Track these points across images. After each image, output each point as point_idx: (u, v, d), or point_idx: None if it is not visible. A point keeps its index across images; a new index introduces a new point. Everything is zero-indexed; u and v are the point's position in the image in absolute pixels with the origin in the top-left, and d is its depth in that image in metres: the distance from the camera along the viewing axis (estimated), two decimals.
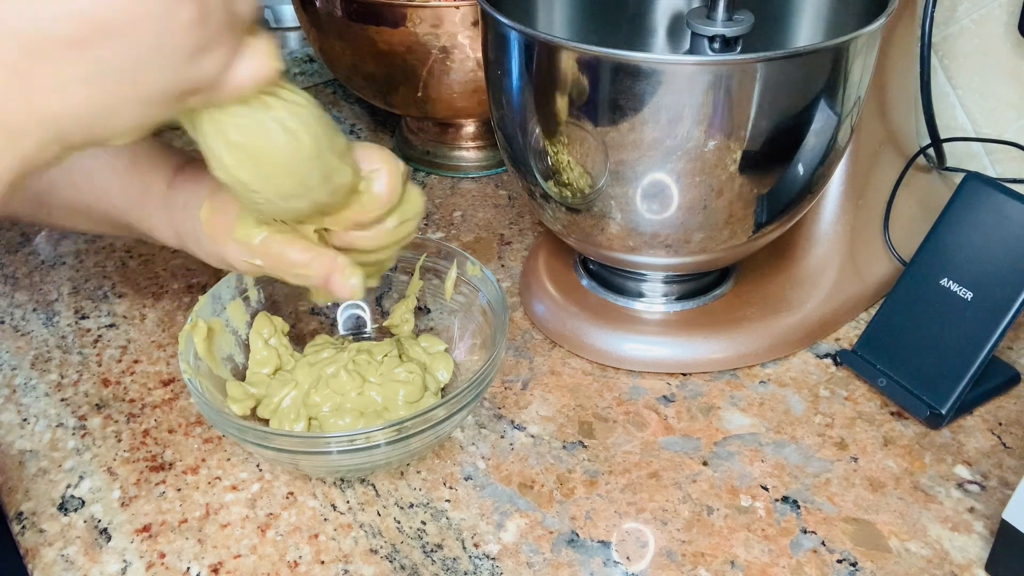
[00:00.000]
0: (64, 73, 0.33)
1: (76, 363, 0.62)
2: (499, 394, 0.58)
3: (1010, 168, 0.72)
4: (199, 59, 0.35)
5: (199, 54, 0.35)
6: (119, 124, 0.36)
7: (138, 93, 0.35)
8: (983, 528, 0.48)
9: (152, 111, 0.36)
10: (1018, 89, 0.70)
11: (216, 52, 0.36)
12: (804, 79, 0.49)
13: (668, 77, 0.47)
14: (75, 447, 0.55)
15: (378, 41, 0.71)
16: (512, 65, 0.52)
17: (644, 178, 0.51)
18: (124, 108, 0.35)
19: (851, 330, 0.62)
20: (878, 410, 0.56)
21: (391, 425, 0.47)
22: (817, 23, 0.62)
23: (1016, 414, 0.55)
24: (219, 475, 0.53)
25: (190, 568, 0.47)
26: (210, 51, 0.35)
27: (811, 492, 0.50)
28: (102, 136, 0.36)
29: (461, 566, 0.47)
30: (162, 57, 0.34)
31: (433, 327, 0.60)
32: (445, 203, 0.78)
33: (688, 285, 0.61)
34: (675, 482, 0.51)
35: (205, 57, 0.35)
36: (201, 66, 0.36)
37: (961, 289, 0.54)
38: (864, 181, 0.63)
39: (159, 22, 0.33)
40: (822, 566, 0.46)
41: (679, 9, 0.65)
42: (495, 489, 0.51)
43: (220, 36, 0.36)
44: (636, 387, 0.58)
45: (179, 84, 0.36)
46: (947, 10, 0.70)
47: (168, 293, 0.68)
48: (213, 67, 0.36)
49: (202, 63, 0.36)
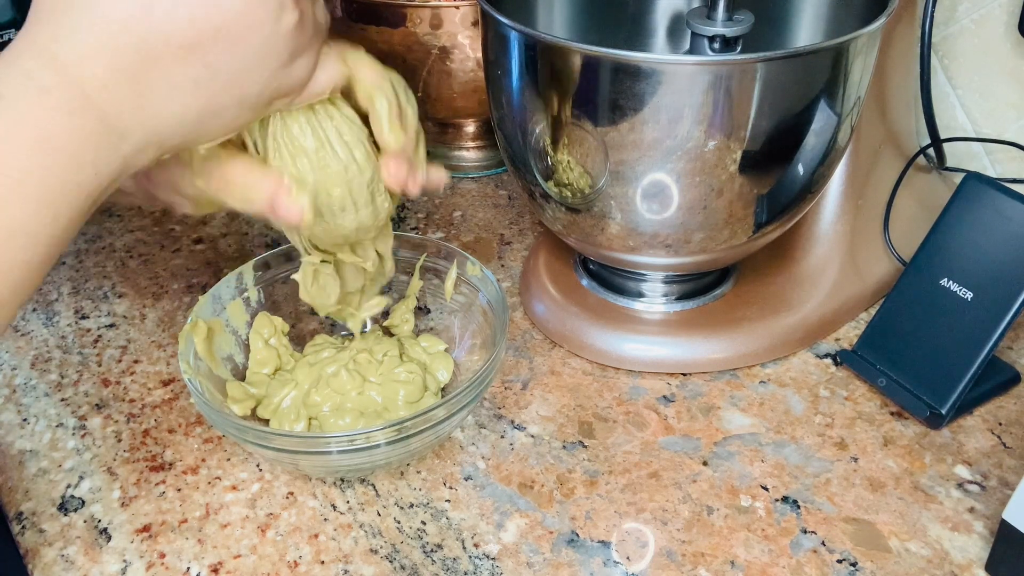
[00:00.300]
0: (175, 77, 0.34)
1: (76, 363, 0.62)
2: (499, 394, 0.58)
3: (1010, 168, 0.72)
4: (293, 64, 0.37)
5: (294, 59, 0.37)
6: (215, 127, 0.37)
7: (239, 96, 0.36)
8: (983, 528, 0.48)
9: (246, 114, 0.38)
10: (1018, 89, 0.70)
11: (306, 57, 0.38)
12: (804, 79, 0.49)
13: (668, 77, 0.47)
14: (75, 447, 0.55)
15: (378, 41, 0.71)
16: (512, 65, 0.52)
17: (644, 178, 0.51)
18: (224, 111, 0.37)
19: (851, 330, 0.62)
20: (878, 410, 0.56)
21: (391, 425, 0.47)
22: (817, 23, 0.62)
23: (1016, 414, 0.55)
24: (219, 475, 0.53)
25: (190, 568, 0.47)
26: (303, 56, 0.38)
27: (811, 492, 0.50)
28: (197, 139, 0.37)
29: (461, 566, 0.47)
30: (265, 61, 0.36)
31: (433, 327, 0.60)
32: (445, 203, 0.78)
33: (688, 285, 0.61)
34: (675, 482, 0.51)
35: (297, 61, 0.37)
36: (292, 70, 0.38)
37: (961, 289, 0.54)
38: (864, 181, 0.63)
39: (267, 27, 0.35)
40: (822, 566, 0.46)
41: (679, 9, 0.65)
42: (495, 489, 0.51)
43: (311, 42, 0.38)
44: (636, 387, 0.58)
45: (275, 87, 0.37)
46: (947, 10, 0.70)
47: (168, 293, 0.68)
48: (303, 72, 0.38)
49: (294, 68, 0.38)
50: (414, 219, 0.76)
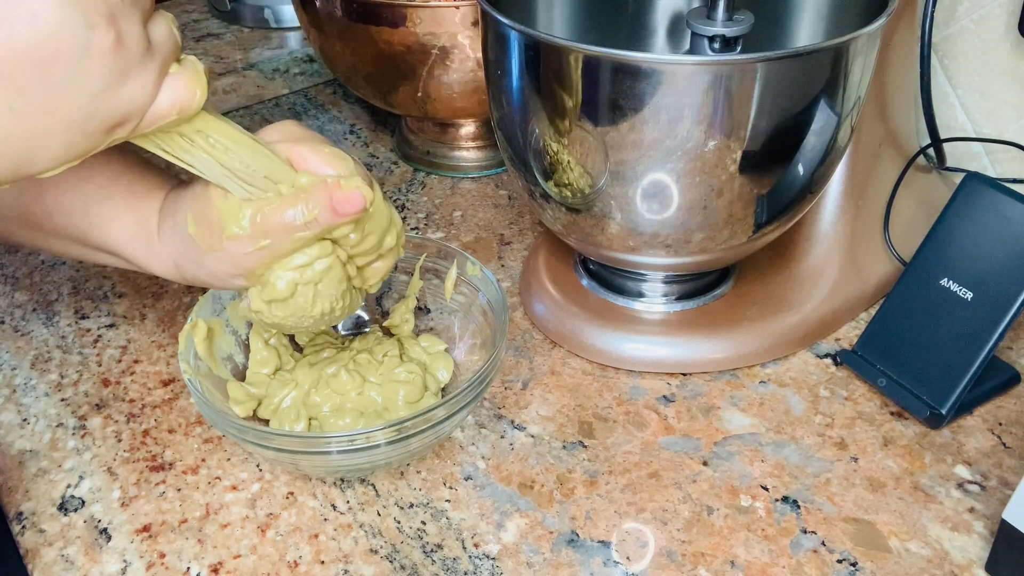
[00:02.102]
0: None
1: (76, 363, 0.62)
2: (499, 394, 0.58)
3: (1010, 168, 0.72)
4: (119, 87, 0.35)
5: (119, 81, 0.35)
6: (46, 154, 0.36)
7: (64, 122, 0.35)
8: (983, 528, 0.48)
9: (82, 141, 0.36)
10: (1018, 89, 0.70)
11: (137, 79, 0.36)
12: (804, 79, 0.49)
13: (668, 77, 0.47)
14: (75, 447, 0.55)
15: (378, 41, 0.71)
16: (512, 65, 0.52)
17: (644, 178, 0.51)
18: (51, 138, 0.35)
19: (851, 330, 0.62)
20: (878, 410, 0.56)
21: (391, 425, 0.47)
22: (817, 23, 0.62)
23: (1016, 414, 0.55)
24: (219, 475, 0.53)
25: (190, 568, 0.47)
26: (130, 78, 0.36)
27: (811, 492, 0.50)
28: (29, 167, 0.36)
29: (461, 566, 0.47)
30: (83, 85, 0.34)
31: (433, 327, 0.60)
32: (445, 203, 0.78)
33: (688, 285, 0.61)
34: (675, 482, 0.51)
35: (126, 84, 0.36)
36: (123, 93, 0.36)
37: (961, 289, 0.54)
38: (864, 181, 0.63)
39: (76, 50, 0.33)
40: (822, 566, 0.46)
41: (679, 9, 0.65)
42: (495, 489, 0.51)
43: (140, 63, 0.36)
44: (636, 387, 0.58)
45: (105, 111, 0.36)
46: (947, 10, 0.70)
47: (168, 293, 0.68)
48: (138, 94, 0.36)
49: (124, 90, 0.36)
50: (414, 219, 0.76)
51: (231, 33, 1.12)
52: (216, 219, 0.44)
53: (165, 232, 0.49)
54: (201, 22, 1.15)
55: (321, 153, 0.45)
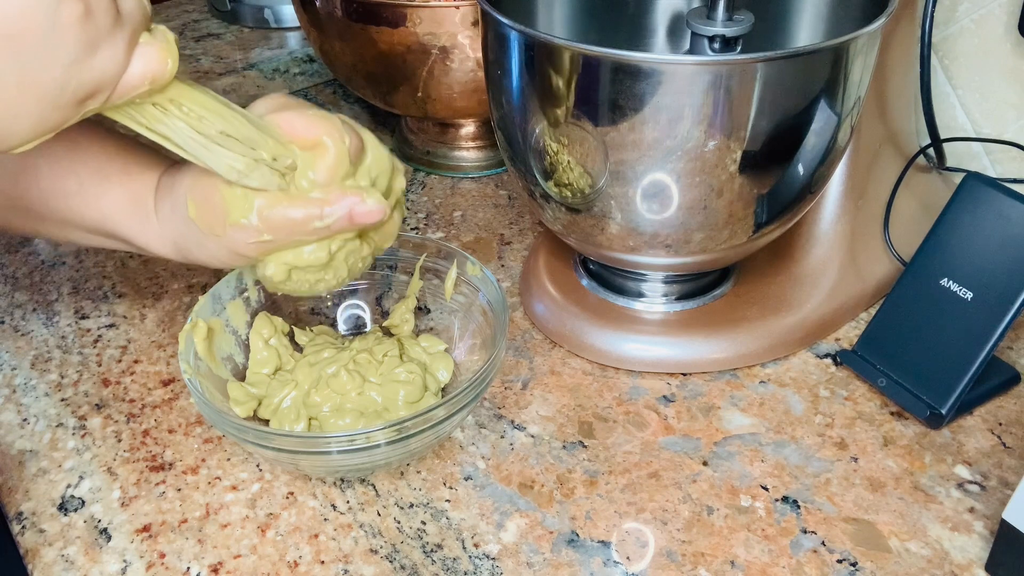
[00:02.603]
0: None
1: (76, 363, 0.62)
2: (499, 394, 0.58)
3: (1010, 168, 0.72)
4: (89, 58, 0.35)
5: (89, 52, 0.35)
6: (19, 129, 0.36)
7: (37, 95, 0.35)
8: (983, 528, 0.48)
9: (55, 114, 0.36)
10: (1018, 89, 0.70)
11: (107, 50, 0.36)
12: (804, 79, 0.49)
13: (668, 77, 0.47)
14: (75, 447, 0.55)
15: (378, 41, 0.71)
16: (512, 65, 0.52)
17: (644, 178, 0.51)
18: (24, 112, 0.35)
19: (851, 330, 0.62)
20: (878, 410, 0.56)
21: (391, 425, 0.47)
22: (817, 23, 0.62)
23: (1016, 414, 0.55)
24: (219, 475, 0.53)
25: (190, 568, 0.47)
26: (100, 49, 0.35)
27: (811, 492, 0.50)
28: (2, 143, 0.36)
29: (461, 566, 0.47)
30: (54, 57, 0.34)
31: (433, 327, 0.60)
32: (445, 203, 0.78)
33: (688, 285, 0.61)
34: (675, 482, 0.51)
35: (96, 55, 0.35)
36: (94, 64, 0.36)
37: (961, 289, 0.54)
38: (864, 181, 0.63)
39: (44, 22, 0.33)
40: (822, 566, 0.46)
41: (679, 9, 0.65)
42: (495, 489, 0.51)
43: (109, 34, 0.36)
44: (636, 387, 0.58)
45: (77, 83, 0.36)
46: (947, 10, 0.70)
47: (168, 293, 0.68)
48: (109, 64, 0.36)
49: (95, 61, 0.36)
50: (414, 219, 0.76)
51: (231, 33, 1.12)
52: (220, 205, 0.44)
53: (164, 212, 0.49)
54: (201, 22, 1.15)
55: (307, 116, 0.45)
